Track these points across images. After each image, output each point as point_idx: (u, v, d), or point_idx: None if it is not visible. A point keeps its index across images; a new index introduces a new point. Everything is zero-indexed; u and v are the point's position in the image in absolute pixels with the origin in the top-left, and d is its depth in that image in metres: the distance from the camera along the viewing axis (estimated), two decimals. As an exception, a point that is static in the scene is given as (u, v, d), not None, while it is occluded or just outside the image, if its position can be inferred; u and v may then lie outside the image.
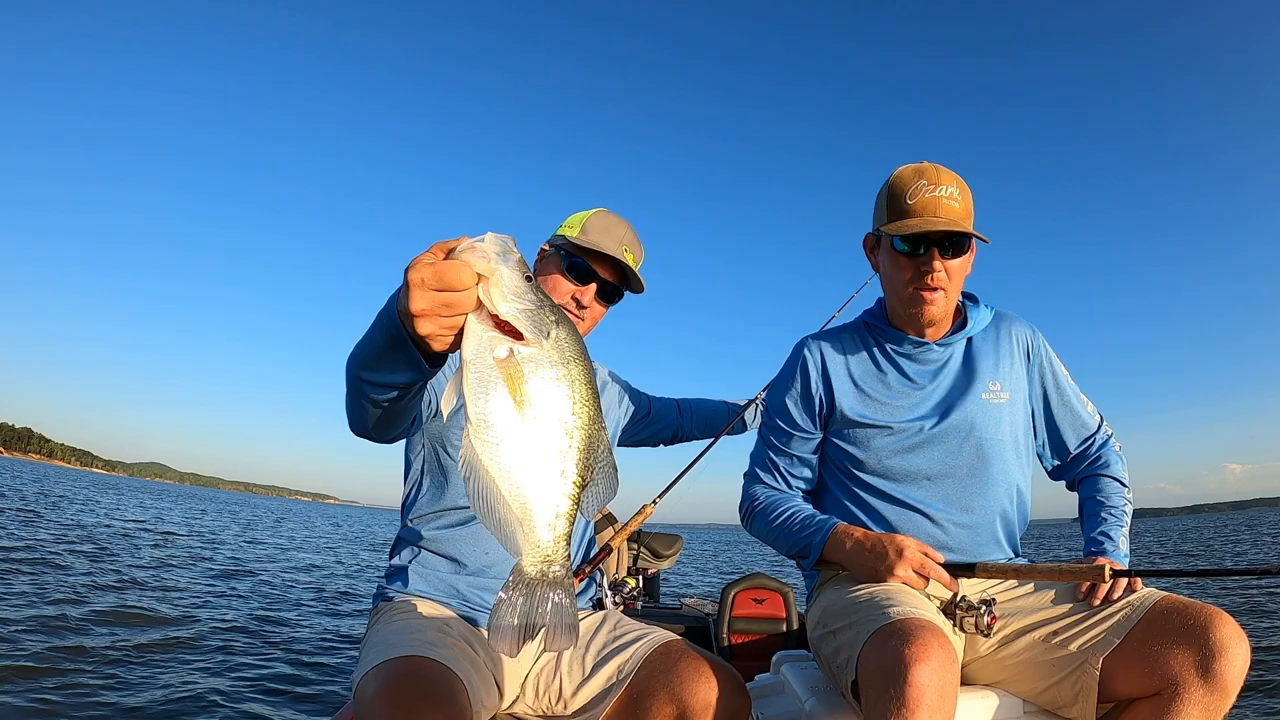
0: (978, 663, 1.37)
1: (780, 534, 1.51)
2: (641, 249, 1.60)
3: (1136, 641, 1.17)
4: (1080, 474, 1.61)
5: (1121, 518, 1.50)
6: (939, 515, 1.45)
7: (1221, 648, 1.08)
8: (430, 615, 1.31)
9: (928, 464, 1.47)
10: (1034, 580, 1.39)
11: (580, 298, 1.52)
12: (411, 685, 1.04)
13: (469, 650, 1.24)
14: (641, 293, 1.62)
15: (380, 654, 1.13)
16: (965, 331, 1.54)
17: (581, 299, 1.52)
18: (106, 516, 18.24)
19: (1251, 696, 4.38)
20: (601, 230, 1.53)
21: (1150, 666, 1.14)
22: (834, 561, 1.44)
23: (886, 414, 1.50)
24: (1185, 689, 1.09)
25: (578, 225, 1.54)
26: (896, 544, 1.35)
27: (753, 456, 1.66)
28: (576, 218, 1.57)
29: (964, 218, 1.42)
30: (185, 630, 5.60)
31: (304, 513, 70.67)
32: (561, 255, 1.53)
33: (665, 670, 1.22)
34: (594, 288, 1.53)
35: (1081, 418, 1.59)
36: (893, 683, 1.04)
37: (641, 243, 1.61)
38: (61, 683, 3.90)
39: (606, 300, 1.58)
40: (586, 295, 1.52)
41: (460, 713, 1.04)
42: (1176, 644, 1.12)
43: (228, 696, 4.05)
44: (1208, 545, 24.55)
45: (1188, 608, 1.15)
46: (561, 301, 1.50)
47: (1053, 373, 1.58)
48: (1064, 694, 1.24)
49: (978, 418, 1.47)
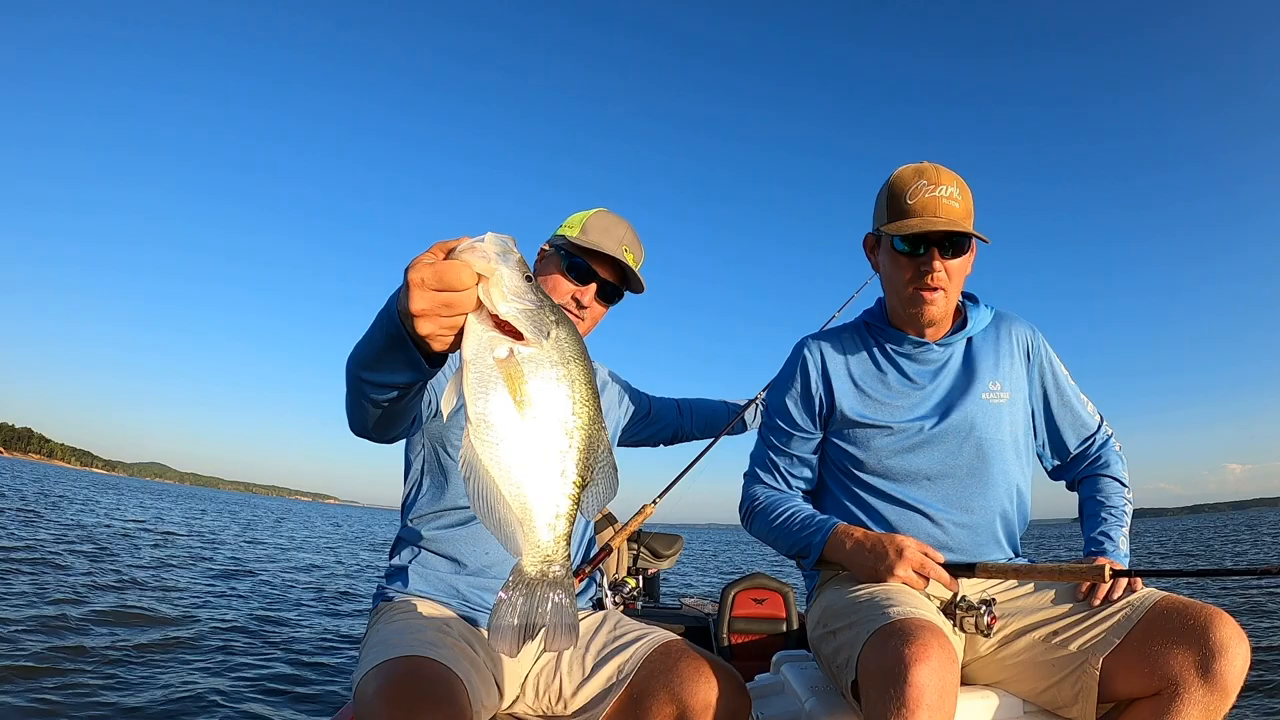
0: (978, 663, 1.37)
1: (780, 534, 1.51)
2: (641, 249, 1.60)
3: (1136, 641, 1.17)
4: (1080, 474, 1.61)
5: (1121, 518, 1.50)
6: (939, 515, 1.45)
7: (1221, 648, 1.08)
8: (430, 615, 1.31)
9: (928, 464, 1.47)
10: (1034, 580, 1.38)
11: (580, 298, 1.52)
12: (411, 685, 1.04)
13: (469, 650, 1.23)
14: (641, 293, 1.62)
15: (380, 654, 1.13)
16: (965, 332, 1.54)
17: (581, 299, 1.52)
18: (106, 516, 18.24)
19: (1252, 696, 4.38)
20: (601, 230, 1.53)
21: (1150, 666, 1.14)
22: (834, 562, 1.44)
23: (886, 414, 1.50)
24: (1185, 689, 1.09)
25: (578, 225, 1.54)
26: (896, 544, 1.35)
27: (753, 457, 1.65)
28: (576, 218, 1.57)
29: (964, 218, 1.41)
30: (185, 630, 5.60)
31: (304, 513, 70.67)
32: (561, 255, 1.53)
33: (665, 670, 1.22)
34: (594, 288, 1.53)
35: (1082, 418, 1.59)
36: (893, 682, 1.04)
37: (641, 243, 1.61)
38: (62, 682, 3.90)
39: (606, 300, 1.57)
40: (586, 295, 1.52)
41: (460, 713, 1.04)
42: (1176, 644, 1.12)
43: (228, 696, 4.05)
44: (1208, 545, 24.54)
45: (1188, 608, 1.15)
46: (561, 301, 1.50)
47: (1053, 373, 1.58)
48: (1064, 694, 1.23)
49: (978, 418, 1.47)
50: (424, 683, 1.05)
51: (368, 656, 1.16)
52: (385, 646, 1.15)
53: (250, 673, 4.58)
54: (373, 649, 1.18)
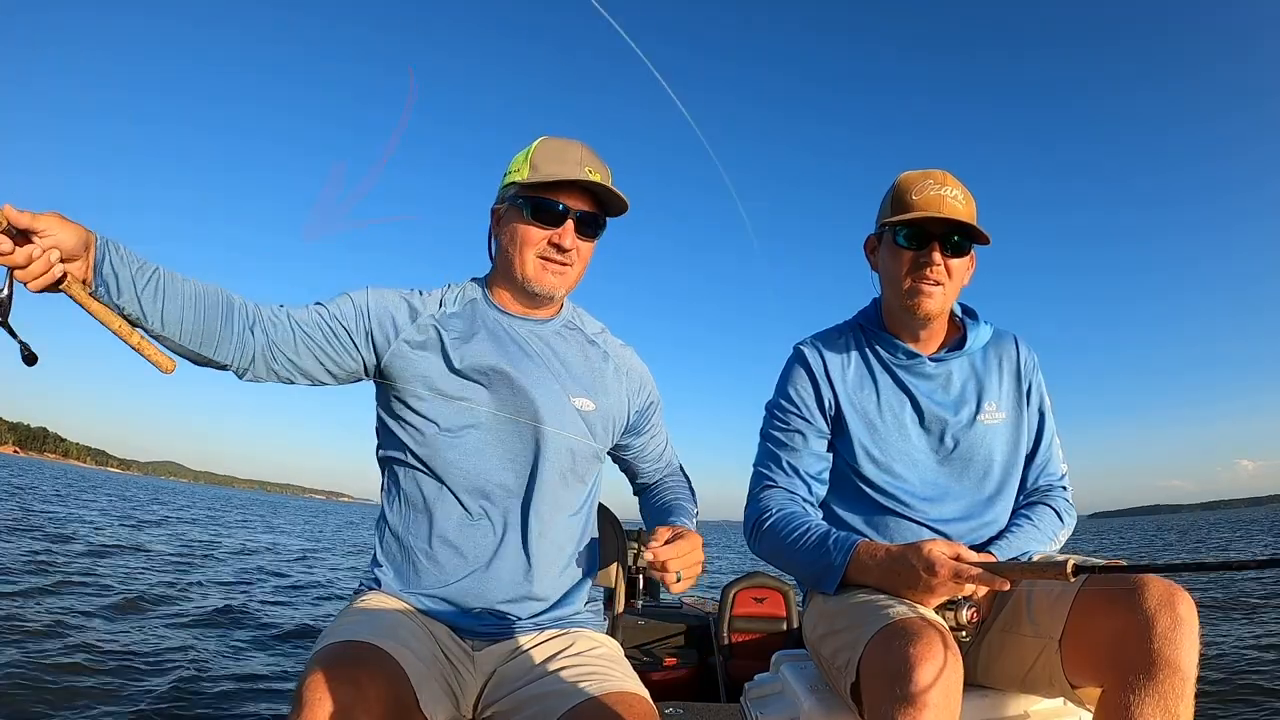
0: (966, 660, 1.36)
1: (793, 554, 1.39)
2: (605, 166, 1.35)
3: (1077, 622, 1.17)
4: (1020, 503, 1.52)
5: (1044, 541, 1.43)
6: (932, 536, 1.40)
7: (1152, 619, 1.03)
8: (392, 609, 1.23)
9: (921, 484, 1.44)
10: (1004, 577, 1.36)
11: (560, 241, 1.31)
12: (347, 654, 1.01)
13: (429, 646, 1.17)
14: (626, 212, 1.37)
15: (323, 640, 1.08)
16: (964, 351, 1.51)
17: (561, 241, 1.31)
18: (128, 515, 18.38)
19: (1252, 697, 4.34)
20: (553, 158, 1.30)
21: (1096, 644, 1.12)
22: (859, 584, 1.32)
23: (882, 433, 1.47)
24: (1133, 669, 1.04)
25: (524, 165, 1.31)
26: (924, 559, 1.21)
27: (758, 461, 1.55)
28: (518, 159, 1.34)
29: (967, 219, 1.40)
30: (200, 628, 5.66)
31: (318, 510, 71.14)
32: (520, 203, 1.31)
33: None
34: (570, 225, 1.31)
35: (1052, 462, 1.54)
36: (897, 683, 1.03)
37: (603, 160, 1.35)
38: (63, 683, 3.94)
39: (589, 235, 1.35)
40: (566, 236, 1.31)
41: (399, 683, 1.01)
42: (1112, 618, 1.10)
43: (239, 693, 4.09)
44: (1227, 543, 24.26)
45: (1118, 579, 1.11)
46: (539, 251, 1.32)
47: (1040, 407, 1.55)
48: (1039, 680, 1.24)
49: (973, 439, 1.46)
50: (357, 664, 1.00)
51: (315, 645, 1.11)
52: (331, 634, 1.10)
53: (265, 670, 4.61)
54: (321, 638, 1.12)
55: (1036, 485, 1.53)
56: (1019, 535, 1.42)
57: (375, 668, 1.01)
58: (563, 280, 1.35)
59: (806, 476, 1.48)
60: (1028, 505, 1.50)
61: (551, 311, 1.42)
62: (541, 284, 1.33)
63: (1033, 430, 1.54)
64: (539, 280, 1.33)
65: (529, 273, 1.32)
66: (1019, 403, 1.53)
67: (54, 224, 0.96)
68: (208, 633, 5.64)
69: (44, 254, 0.95)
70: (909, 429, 1.48)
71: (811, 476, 1.49)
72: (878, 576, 1.28)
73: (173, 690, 4.01)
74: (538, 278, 1.33)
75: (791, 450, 1.49)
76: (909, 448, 1.47)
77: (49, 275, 0.96)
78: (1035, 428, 1.54)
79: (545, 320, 1.40)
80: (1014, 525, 1.45)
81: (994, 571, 1.17)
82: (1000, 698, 1.32)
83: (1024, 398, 1.53)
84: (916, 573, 1.21)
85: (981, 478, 1.46)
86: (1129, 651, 1.05)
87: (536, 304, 1.39)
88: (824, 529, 1.39)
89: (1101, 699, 1.10)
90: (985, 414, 1.48)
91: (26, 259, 0.93)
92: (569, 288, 1.38)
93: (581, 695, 1.10)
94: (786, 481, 1.48)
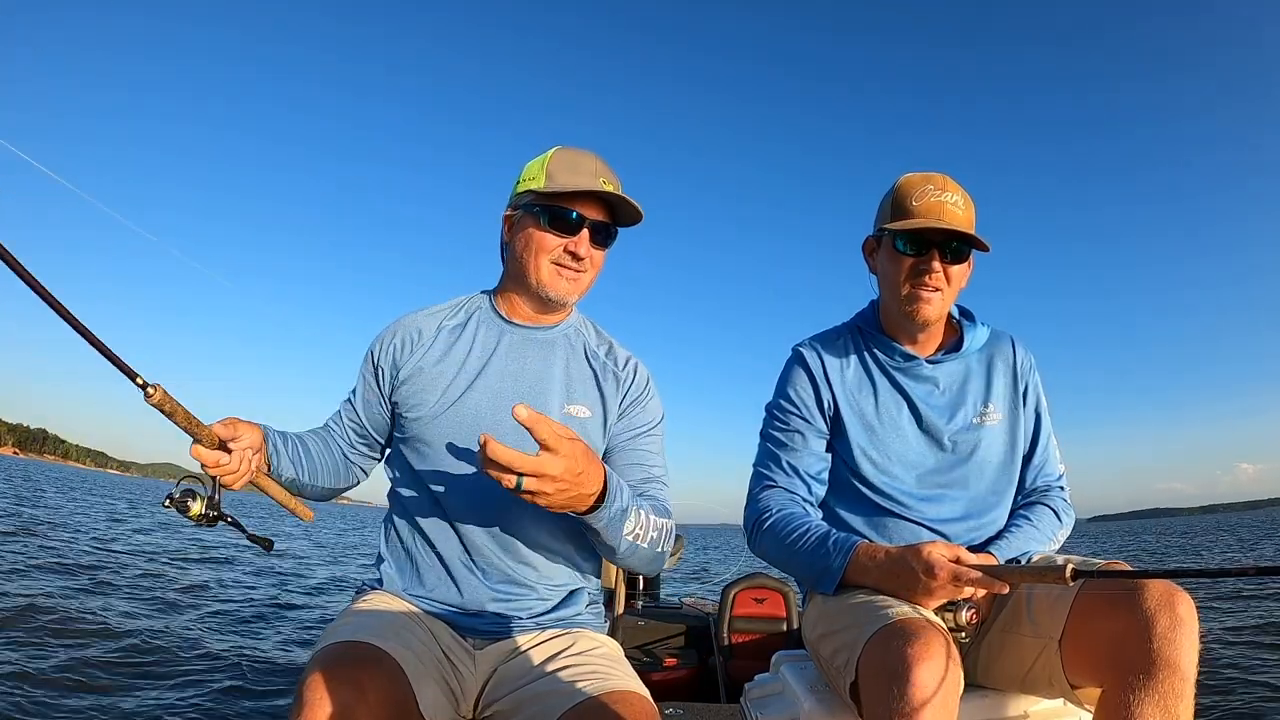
0: (965, 660, 1.36)
1: (792, 554, 1.39)
2: (617, 178, 1.39)
3: (1077, 623, 1.17)
4: (1018, 502, 1.53)
5: (1044, 541, 1.43)
6: (931, 537, 1.41)
7: (1152, 619, 1.04)
8: (393, 608, 1.26)
9: (917, 486, 1.45)
10: (1002, 580, 1.36)
11: (575, 249, 1.35)
12: (348, 654, 1.02)
13: (429, 646, 1.19)
14: (640, 221, 1.41)
15: (323, 640, 1.10)
16: (961, 353, 1.52)
17: (577, 250, 1.35)
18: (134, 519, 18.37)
19: (1253, 696, 4.33)
20: (569, 169, 1.34)
21: (1096, 645, 1.13)
22: (858, 585, 1.33)
23: (880, 435, 1.48)
24: (1133, 670, 1.04)
25: (540, 174, 1.35)
26: (923, 561, 1.20)
27: (758, 462, 1.56)
28: (534, 167, 1.38)
29: (966, 226, 1.41)
30: (200, 628, 5.65)
31: (324, 511, 71.05)
32: (536, 211, 1.35)
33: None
34: (586, 234, 1.35)
35: (1050, 462, 1.55)
36: (896, 683, 1.03)
37: (615, 172, 1.39)
38: (70, 683, 3.95)
39: (602, 243, 1.40)
40: (581, 245, 1.35)
41: (399, 682, 1.02)
42: (1111, 619, 1.10)
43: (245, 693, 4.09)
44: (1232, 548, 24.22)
45: (1119, 582, 1.11)
46: (553, 258, 1.36)
47: (1037, 408, 1.55)
48: (1039, 680, 1.24)
49: (970, 441, 1.46)
50: (357, 663, 1.01)
51: (315, 646, 1.13)
52: (331, 634, 1.11)
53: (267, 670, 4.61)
54: (322, 637, 1.14)
55: (1034, 486, 1.54)
56: (1018, 535, 1.42)
57: (375, 667, 1.03)
58: (575, 286, 1.39)
59: (806, 476, 1.48)
60: (1026, 505, 1.51)
61: (559, 318, 1.46)
62: (555, 289, 1.37)
63: (1030, 431, 1.54)
64: (552, 286, 1.37)
65: (543, 278, 1.36)
66: (1016, 404, 1.53)
67: (244, 430, 1.16)
68: (208, 632, 5.64)
69: (242, 457, 1.15)
70: (906, 431, 1.48)
71: (811, 476, 1.49)
72: (877, 578, 1.28)
73: (174, 689, 4.01)
74: (551, 283, 1.37)
75: (791, 450, 1.50)
76: (906, 449, 1.47)
77: (248, 473, 1.17)
78: (1032, 428, 1.55)
79: (549, 327, 1.44)
80: (1012, 525, 1.46)
81: (993, 575, 1.17)
82: (1000, 698, 1.32)
83: (1021, 399, 1.54)
84: (916, 575, 1.21)
85: (979, 478, 1.47)
86: (1129, 652, 1.05)
87: (547, 309, 1.43)
88: (824, 530, 1.38)
89: (1101, 699, 1.10)
90: (982, 415, 1.49)
91: (238, 464, 1.14)
92: (580, 294, 1.42)
93: (582, 695, 1.11)
94: (786, 481, 1.48)
